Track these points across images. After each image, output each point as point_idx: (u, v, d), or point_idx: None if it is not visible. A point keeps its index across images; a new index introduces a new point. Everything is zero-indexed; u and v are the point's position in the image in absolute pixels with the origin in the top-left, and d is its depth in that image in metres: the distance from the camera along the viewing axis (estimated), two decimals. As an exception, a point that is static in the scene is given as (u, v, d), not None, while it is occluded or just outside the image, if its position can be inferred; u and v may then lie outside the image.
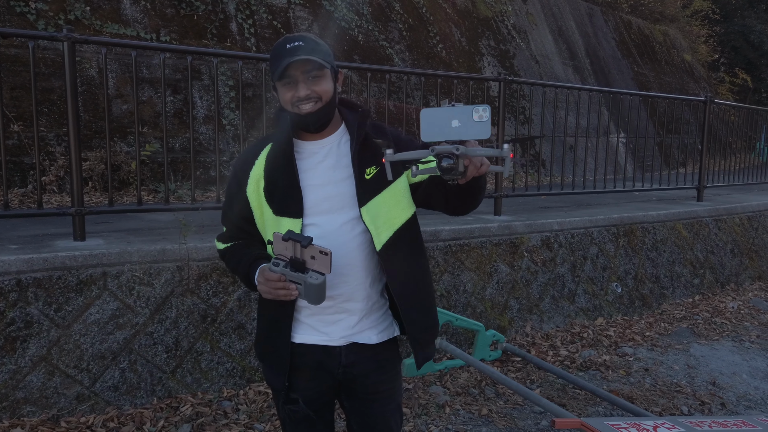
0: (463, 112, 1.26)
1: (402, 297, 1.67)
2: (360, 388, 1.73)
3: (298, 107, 1.58)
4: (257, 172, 1.67)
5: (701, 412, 3.43)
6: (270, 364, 1.73)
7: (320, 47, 1.59)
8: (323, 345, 1.67)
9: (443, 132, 1.28)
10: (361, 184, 1.62)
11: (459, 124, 1.27)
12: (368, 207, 1.62)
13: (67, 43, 3.16)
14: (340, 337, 1.67)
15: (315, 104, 1.58)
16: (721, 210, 6.36)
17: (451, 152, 1.26)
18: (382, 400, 1.77)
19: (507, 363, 4.00)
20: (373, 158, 1.65)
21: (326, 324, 1.67)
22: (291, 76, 1.56)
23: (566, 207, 5.74)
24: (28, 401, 2.79)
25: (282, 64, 1.52)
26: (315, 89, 1.57)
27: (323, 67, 1.57)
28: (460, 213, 1.69)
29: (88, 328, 2.95)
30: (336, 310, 1.65)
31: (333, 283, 1.60)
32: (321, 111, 1.60)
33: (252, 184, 1.67)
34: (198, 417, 2.96)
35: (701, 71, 17.32)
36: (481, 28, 9.90)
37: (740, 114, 8.85)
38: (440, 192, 1.62)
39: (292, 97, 1.58)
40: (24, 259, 2.85)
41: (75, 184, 3.26)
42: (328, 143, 1.68)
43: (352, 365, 1.69)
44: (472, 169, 1.33)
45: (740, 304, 5.56)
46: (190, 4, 6.38)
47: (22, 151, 5.07)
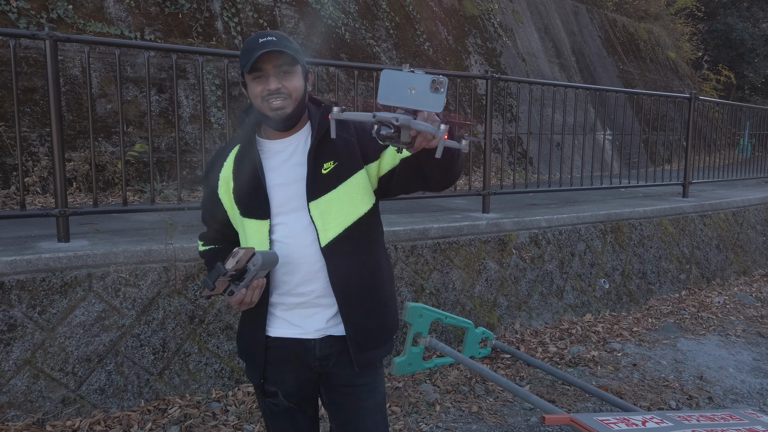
0: (422, 81, 1.26)
1: (343, 296, 1.62)
2: (335, 380, 1.71)
3: (268, 101, 1.56)
4: (226, 174, 1.69)
5: (689, 407, 3.46)
6: (247, 360, 1.76)
7: (292, 44, 1.58)
8: (298, 338, 1.66)
9: (399, 97, 1.27)
10: (314, 179, 1.61)
11: (415, 93, 1.26)
12: (318, 202, 1.61)
13: (49, 41, 3.11)
14: (315, 330, 1.66)
15: (285, 100, 1.57)
16: (706, 206, 6.43)
17: (390, 121, 1.27)
18: (359, 395, 1.72)
19: (496, 360, 4.01)
20: (332, 153, 1.63)
21: (301, 318, 1.66)
22: (262, 69, 1.55)
23: (554, 204, 5.76)
24: (12, 405, 2.74)
25: (253, 55, 1.51)
26: (285, 84, 1.56)
27: (295, 63, 1.57)
28: (441, 186, 1.60)
29: (74, 330, 2.91)
30: (310, 305, 1.65)
31: (304, 280, 1.63)
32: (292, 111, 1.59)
33: (222, 185, 1.69)
34: (186, 419, 2.93)
35: (685, 69, 17.50)
36: (467, 27, 9.91)
37: (724, 111, 8.95)
38: (414, 171, 1.57)
39: (262, 90, 1.56)
40: (7, 261, 2.81)
41: (58, 184, 3.21)
42: (294, 141, 1.67)
43: (327, 358, 1.67)
44: (421, 140, 1.31)
45: (726, 299, 5.62)
46: (175, 3, 6.32)
47: (4, 151, 5.00)
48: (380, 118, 1.27)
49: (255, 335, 1.69)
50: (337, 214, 1.61)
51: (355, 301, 1.64)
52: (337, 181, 1.62)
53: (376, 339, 1.69)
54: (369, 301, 1.67)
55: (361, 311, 1.65)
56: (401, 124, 1.27)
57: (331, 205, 1.61)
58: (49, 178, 5.06)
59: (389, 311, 1.73)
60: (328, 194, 1.61)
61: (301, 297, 1.63)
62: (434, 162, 1.47)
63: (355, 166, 1.64)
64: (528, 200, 6.03)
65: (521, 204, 5.69)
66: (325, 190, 1.61)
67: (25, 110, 5.13)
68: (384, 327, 1.71)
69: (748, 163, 9.03)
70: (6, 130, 5.01)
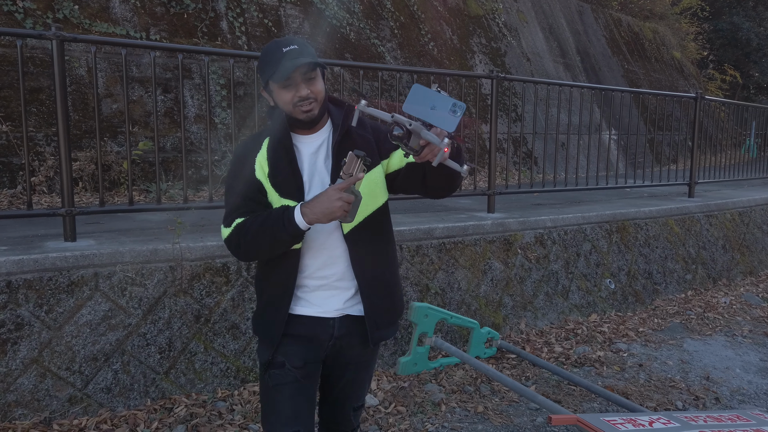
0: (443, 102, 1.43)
1: (364, 279, 1.78)
2: (342, 358, 1.88)
3: (299, 107, 1.70)
4: (261, 159, 1.77)
5: (696, 407, 3.44)
6: (264, 334, 1.84)
7: (310, 48, 1.72)
8: (318, 317, 1.79)
9: (421, 110, 1.44)
10: (337, 171, 1.72)
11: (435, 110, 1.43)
12: None
13: (56, 41, 3.12)
14: (335, 310, 1.80)
15: (312, 104, 1.71)
16: (712, 206, 6.40)
17: (404, 124, 1.44)
18: (359, 368, 1.93)
19: (502, 360, 4.00)
20: (352, 148, 1.73)
21: (322, 299, 1.79)
22: (291, 77, 1.66)
23: (559, 204, 5.75)
24: (19, 404, 2.75)
25: (286, 67, 1.63)
26: (312, 90, 1.70)
27: (317, 67, 1.70)
28: (438, 195, 1.84)
29: (80, 329, 2.92)
30: (329, 288, 1.79)
31: (326, 264, 1.78)
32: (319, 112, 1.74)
33: (259, 169, 1.77)
34: (192, 418, 2.93)
35: (691, 68, 17.43)
36: (472, 26, 9.90)
37: (730, 110, 8.91)
38: (417, 176, 1.75)
39: (292, 97, 1.69)
40: (14, 261, 2.82)
41: (65, 184, 3.22)
42: (320, 137, 1.81)
43: (342, 337, 1.82)
44: (427, 152, 1.48)
45: (732, 299, 5.60)
46: (180, 3, 6.33)
47: (10, 151, 5.01)
48: (397, 119, 1.44)
49: (279, 312, 1.78)
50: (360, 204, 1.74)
51: (374, 283, 1.81)
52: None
53: (390, 318, 1.88)
54: (384, 285, 1.85)
55: (377, 293, 1.82)
56: (413, 129, 1.43)
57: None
58: (55, 178, 5.07)
59: (399, 295, 1.93)
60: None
61: (322, 280, 1.78)
62: (437, 174, 1.65)
63: (374, 162, 1.80)
64: (533, 200, 6.02)
65: (526, 204, 5.68)
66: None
67: (31, 110, 5.15)
68: (395, 308, 1.91)
69: (754, 162, 8.99)
70: (12, 129, 5.02)
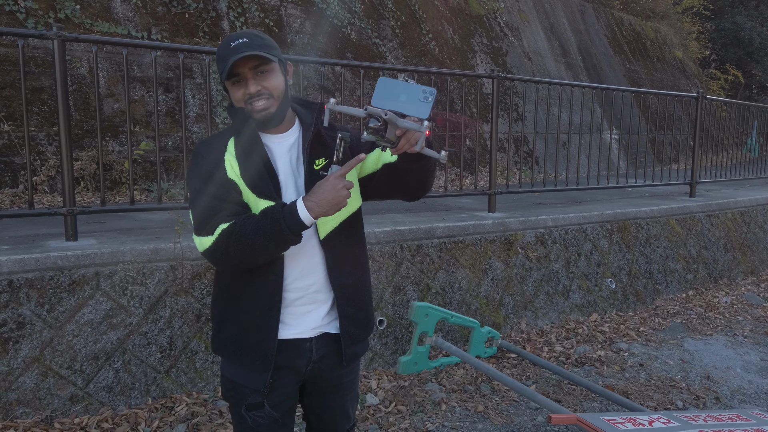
0: (413, 90, 1.40)
1: (341, 289, 1.66)
2: (324, 382, 1.74)
3: (251, 104, 1.57)
4: (229, 158, 1.61)
5: (696, 407, 3.44)
6: (249, 362, 1.63)
7: (265, 42, 1.58)
8: (294, 339, 1.64)
9: (391, 102, 1.40)
10: (309, 173, 1.64)
11: (405, 99, 1.40)
12: None
13: (58, 41, 3.13)
14: (312, 329, 1.66)
15: (267, 100, 1.57)
16: (714, 205, 6.40)
17: (379, 115, 1.38)
18: (343, 391, 1.80)
19: (502, 359, 4.00)
20: (323, 150, 1.67)
21: (295, 317, 1.64)
22: (239, 74, 1.55)
23: (560, 203, 5.75)
24: (21, 402, 2.76)
25: (228, 63, 1.51)
26: (265, 85, 1.56)
27: (270, 62, 1.56)
28: (416, 195, 1.71)
29: (81, 328, 2.93)
30: (306, 301, 1.65)
31: (304, 273, 1.63)
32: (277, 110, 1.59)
33: (229, 169, 1.59)
34: (193, 417, 2.94)
35: (692, 68, 17.41)
36: (473, 26, 9.90)
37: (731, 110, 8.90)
38: (393, 178, 1.66)
39: (243, 94, 1.57)
40: (16, 260, 2.83)
41: (66, 183, 3.23)
42: (290, 137, 1.68)
43: (321, 359, 1.69)
44: (404, 142, 1.41)
45: (733, 299, 5.60)
46: (182, 2, 6.34)
47: (12, 150, 5.03)
48: (370, 111, 1.39)
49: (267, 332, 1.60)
50: None
51: (350, 293, 1.69)
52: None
53: (364, 332, 1.76)
54: (359, 295, 1.73)
55: (353, 304, 1.70)
56: (389, 118, 1.38)
57: None
58: (56, 177, 5.09)
59: (371, 306, 1.81)
60: None
61: (298, 292, 1.63)
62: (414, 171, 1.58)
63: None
64: (534, 199, 6.02)
65: (527, 203, 5.68)
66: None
67: (32, 110, 5.16)
68: (370, 321, 1.79)
69: (756, 162, 8.97)
70: (14, 129, 5.04)
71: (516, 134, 8.95)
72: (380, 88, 1.41)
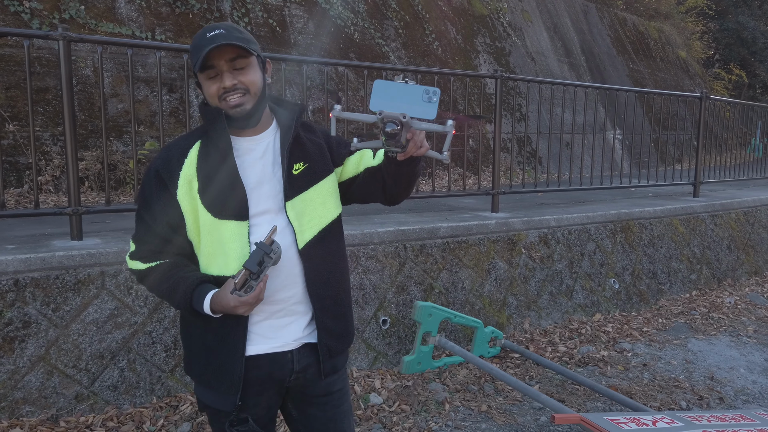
0: (415, 92, 1.30)
1: (318, 299, 1.58)
2: (312, 392, 1.66)
3: (225, 100, 1.48)
4: (188, 172, 1.52)
5: (700, 407, 3.44)
6: (216, 385, 1.56)
7: (243, 35, 1.49)
8: (274, 353, 1.56)
9: (392, 105, 1.30)
10: (288, 179, 1.55)
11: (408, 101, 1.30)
12: (293, 202, 1.56)
13: (63, 41, 3.14)
14: (293, 341, 1.58)
15: (243, 96, 1.48)
16: (717, 206, 6.39)
17: (398, 118, 1.29)
18: (335, 402, 1.70)
19: (506, 359, 4.01)
20: (302, 154, 1.60)
21: (276, 329, 1.56)
22: (214, 66, 1.46)
23: (563, 204, 5.75)
24: (27, 401, 2.78)
25: (203, 52, 1.42)
26: (241, 79, 1.48)
27: (249, 55, 1.48)
28: (397, 200, 1.65)
29: (87, 327, 2.94)
30: (286, 313, 1.57)
31: (284, 285, 1.55)
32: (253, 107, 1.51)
33: (183, 185, 1.51)
34: (198, 416, 2.95)
35: (696, 68, 17.37)
36: (476, 26, 9.90)
37: (735, 110, 8.88)
38: (376, 181, 1.60)
39: (217, 89, 1.48)
40: (21, 259, 2.84)
41: (72, 183, 3.25)
42: (264, 139, 1.59)
43: (305, 369, 1.61)
44: (412, 146, 1.35)
45: (737, 299, 5.59)
46: (185, 3, 6.36)
47: (17, 150, 5.05)
48: (386, 115, 1.29)
49: (233, 353, 1.52)
50: (312, 215, 1.58)
51: (328, 305, 1.61)
52: (309, 183, 1.59)
53: (343, 344, 1.67)
54: (339, 306, 1.64)
55: (332, 316, 1.62)
56: (406, 122, 1.29)
57: (305, 206, 1.58)
58: (61, 177, 5.11)
59: (351, 318, 1.72)
60: (301, 195, 1.57)
61: (278, 304, 1.55)
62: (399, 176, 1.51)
63: (327, 170, 1.63)
64: (537, 200, 6.02)
65: (530, 203, 5.68)
66: (299, 190, 1.57)
67: (37, 110, 5.18)
68: (349, 332, 1.70)
69: (760, 162, 8.95)
70: (19, 129, 5.06)
71: (519, 134, 8.95)
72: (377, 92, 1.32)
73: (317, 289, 1.58)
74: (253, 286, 1.42)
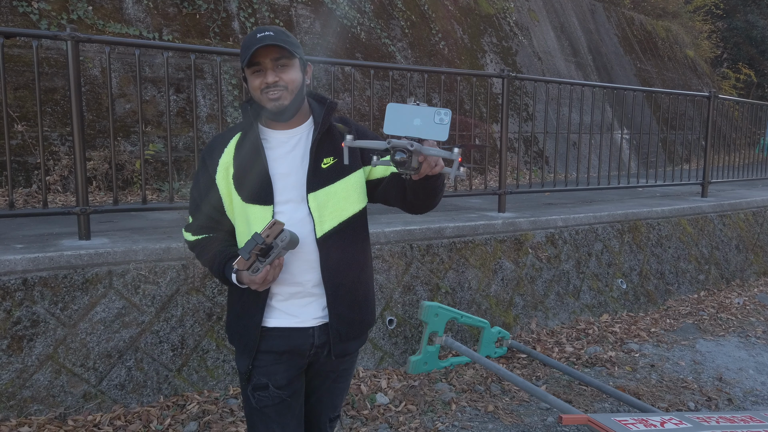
0: (426, 114, 1.35)
1: (332, 286, 1.71)
2: (322, 367, 1.82)
3: (266, 94, 1.63)
4: (226, 160, 1.72)
5: (708, 408, 3.42)
6: (239, 345, 1.78)
7: (290, 38, 1.64)
8: (294, 327, 1.72)
9: (405, 128, 1.36)
10: (314, 172, 1.68)
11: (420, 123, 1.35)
12: (317, 194, 1.68)
13: (71, 42, 3.16)
14: (313, 318, 1.72)
15: (282, 92, 1.63)
16: (726, 206, 6.34)
17: (405, 147, 1.35)
18: (337, 378, 1.87)
19: (512, 360, 3.99)
20: (332, 149, 1.72)
21: (297, 307, 1.71)
22: (260, 63, 1.62)
23: (570, 203, 5.72)
24: (35, 400, 2.79)
25: (251, 50, 1.59)
26: (283, 77, 1.62)
27: (292, 56, 1.63)
28: (418, 211, 1.72)
29: (94, 326, 2.95)
30: (305, 294, 1.71)
31: (302, 270, 1.69)
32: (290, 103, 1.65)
33: (221, 171, 1.71)
34: (205, 415, 2.96)
35: (704, 67, 17.26)
36: (483, 25, 9.88)
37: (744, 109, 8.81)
38: (399, 189, 1.67)
39: (260, 83, 1.63)
40: (30, 258, 2.86)
41: (80, 183, 3.26)
42: (297, 133, 1.73)
43: (324, 345, 1.75)
44: (426, 167, 1.40)
45: (746, 300, 5.55)
46: (192, 3, 6.38)
47: (25, 150, 5.08)
48: (395, 144, 1.36)
49: (251, 321, 1.72)
50: (334, 208, 1.70)
51: (342, 293, 1.72)
52: (336, 177, 1.70)
53: (356, 331, 1.79)
54: (353, 295, 1.76)
55: (345, 304, 1.73)
56: (415, 150, 1.35)
57: (328, 198, 1.69)
58: (69, 177, 5.13)
59: (369, 307, 1.84)
60: (326, 188, 1.69)
61: (297, 286, 1.70)
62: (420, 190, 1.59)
63: (355, 166, 1.74)
64: (544, 200, 6.00)
65: (537, 203, 5.66)
66: (324, 183, 1.69)
67: (45, 110, 5.21)
68: (363, 320, 1.81)
69: (769, 162, 8.88)
70: (28, 129, 5.09)
71: (526, 134, 8.92)
72: (391, 115, 1.38)
73: (332, 276, 1.70)
74: (259, 268, 1.56)
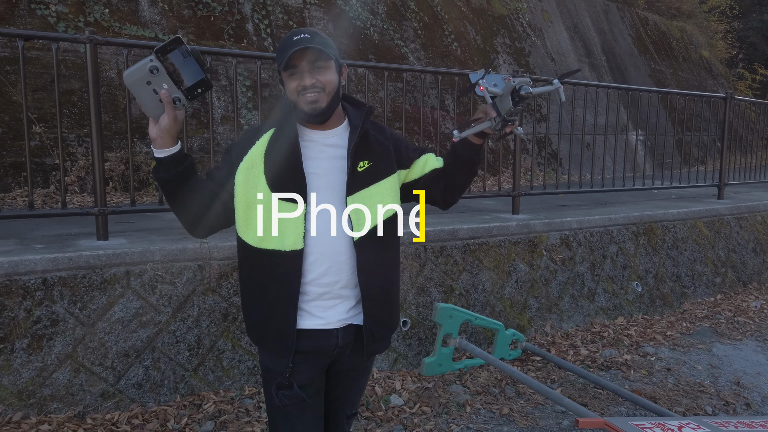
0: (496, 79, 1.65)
1: (367, 288, 1.72)
2: (343, 366, 1.83)
3: (303, 96, 1.63)
4: (256, 153, 1.68)
5: (726, 413, 3.38)
6: (272, 348, 1.73)
7: (326, 41, 1.65)
8: (320, 329, 1.71)
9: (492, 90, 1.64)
10: (352, 175, 1.69)
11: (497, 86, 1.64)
12: (354, 197, 1.69)
13: (90, 44, 3.20)
14: (337, 320, 1.72)
15: (318, 94, 1.63)
16: (743, 208, 6.28)
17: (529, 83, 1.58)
18: (356, 377, 1.89)
19: (527, 362, 3.98)
20: (368, 153, 1.73)
21: (323, 309, 1.71)
22: (297, 66, 1.62)
23: (584, 205, 5.69)
24: (54, 398, 2.83)
25: (288, 53, 1.59)
26: (320, 78, 1.62)
27: (329, 59, 1.64)
28: (455, 197, 1.87)
29: (112, 326, 2.98)
30: (332, 296, 1.71)
31: (330, 270, 1.68)
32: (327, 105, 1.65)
33: (247, 161, 1.67)
34: (221, 414, 2.98)
35: (719, 68, 17.09)
36: (496, 26, 9.85)
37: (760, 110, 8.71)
38: (440, 181, 1.82)
39: (297, 86, 1.63)
40: (49, 258, 2.89)
41: (98, 184, 3.30)
42: (333, 135, 1.74)
43: (346, 345, 1.76)
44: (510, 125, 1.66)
45: (763, 303, 5.48)
46: (207, 5, 6.43)
47: (43, 152, 5.14)
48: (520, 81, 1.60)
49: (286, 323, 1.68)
50: (370, 210, 1.71)
51: (375, 294, 1.74)
52: (371, 180, 1.72)
53: (386, 331, 1.82)
54: (386, 296, 1.78)
55: (378, 305, 1.75)
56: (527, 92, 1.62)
57: (365, 201, 1.70)
58: (86, 178, 5.19)
59: (397, 309, 1.87)
60: (362, 191, 1.70)
61: (324, 287, 1.69)
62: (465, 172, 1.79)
63: (390, 169, 1.76)
64: (558, 201, 5.97)
65: (551, 205, 5.64)
66: (361, 186, 1.70)
67: (63, 112, 5.27)
68: (393, 322, 1.84)
69: (786, 164, 8.77)
70: (46, 131, 5.15)
71: (539, 135, 8.89)
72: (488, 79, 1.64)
73: (367, 278, 1.71)
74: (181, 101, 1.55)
